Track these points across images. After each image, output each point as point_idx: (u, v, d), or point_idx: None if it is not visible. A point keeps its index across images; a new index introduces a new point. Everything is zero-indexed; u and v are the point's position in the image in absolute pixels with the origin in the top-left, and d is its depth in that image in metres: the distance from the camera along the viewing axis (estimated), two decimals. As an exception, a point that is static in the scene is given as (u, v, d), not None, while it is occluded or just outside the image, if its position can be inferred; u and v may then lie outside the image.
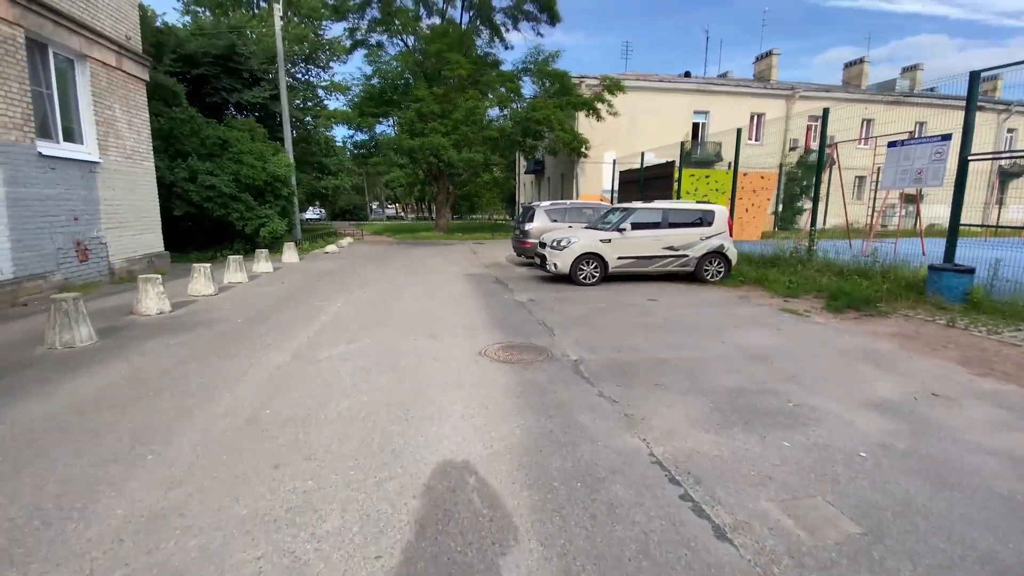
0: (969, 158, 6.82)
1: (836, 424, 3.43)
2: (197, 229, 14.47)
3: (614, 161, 19.31)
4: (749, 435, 3.23)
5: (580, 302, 7.69)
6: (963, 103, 6.78)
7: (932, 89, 31.31)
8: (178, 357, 4.79)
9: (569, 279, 9.36)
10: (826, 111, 9.66)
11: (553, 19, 24.54)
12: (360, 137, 27.03)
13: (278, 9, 18.07)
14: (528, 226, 12.38)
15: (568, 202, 13.94)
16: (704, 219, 9.57)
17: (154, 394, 3.85)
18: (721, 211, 9.73)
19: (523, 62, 24.83)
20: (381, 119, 25.39)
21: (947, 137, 7.24)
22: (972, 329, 6.08)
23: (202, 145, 14.08)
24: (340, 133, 50.25)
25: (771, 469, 2.82)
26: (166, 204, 12.78)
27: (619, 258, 9.29)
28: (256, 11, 28.18)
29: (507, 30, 25.76)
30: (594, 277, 9.27)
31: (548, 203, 13.17)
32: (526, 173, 38.15)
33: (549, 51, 23.89)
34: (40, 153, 7.32)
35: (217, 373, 4.33)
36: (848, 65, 33.69)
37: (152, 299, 6.55)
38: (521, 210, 15.39)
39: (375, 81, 25.03)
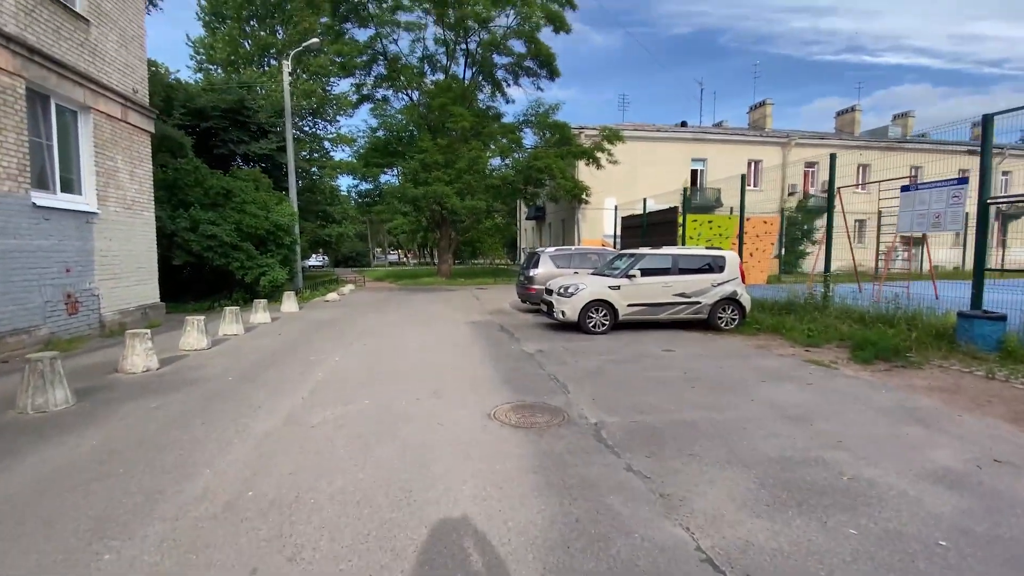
0: (989, 201, 6.62)
1: (902, 503, 2.98)
2: (197, 278, 14.26)
3: (616, 207, 19.37)
4: (808, 520, 2.77)
5: (592, 353, 7.29)
6: (960, 148, 6.68)
7: (923, 135, 32.06)
8: (158, 423, 4.36)
9: (578, 327, 8.98)
10: (833, 156, 9.61)
11: (552, 74, 25.38)
12: (364, 186, 27.39)
13: (287, 65, 18.66)
14: (533, 272, 12.13)
15: (573, 248, 13.77)
16: (715, 265, 9.30)
17: (125, 471, 3.41)
18: (732, 257, 9.48)
19: (524, 114, 25.51)
20: (386, 169, 25.80)
21: (963, 180, 7.08)
22: (1013, 381, 5.66)
23: (205, 195, 14.08)
24: (345, 182, 51.26)
25: (844, 568, 2.36)
26: (166, 254, 12.62)
27: (629, 305, 8.96)
28: (266, 68, 29.29)
29: (508, 85, 26.65)
30: (604, 325, 8.90)
31: (553, 249, 12.99)
32: (527, 219, 38.54)
33: (549, 104, 24.59)
34: (34, 204, 7.15)
35: (198, 443, 3.90)
36: (840, 113, 34.65)
37: (139, 355, 6.16)
38: (525, 256, 15.23)
39: (380, 133, 25.62)
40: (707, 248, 9.91)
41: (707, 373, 6.14)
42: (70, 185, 8.22)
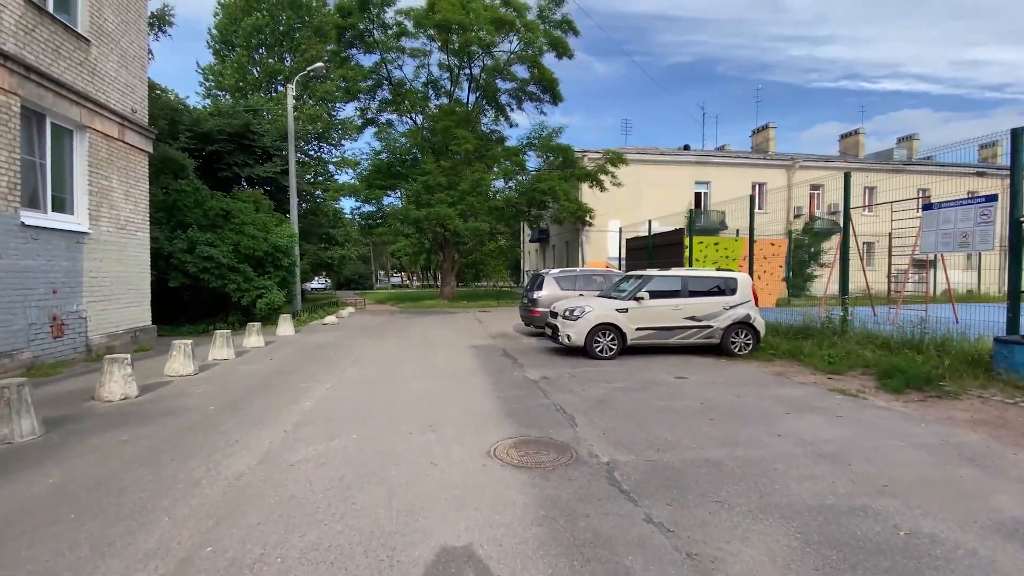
0: (1022, 219, 6.24)
1: (975, 566, 2.52)
2: (195, 300, 13.96)
3: (620, 229, 19.11)
4: (867, 590, 2.32)
5: (599, 380, 6.85)
6: (968, 170, 6.38)
7: (929, 158, 31.94)
8: (124, 459, 3.95)
9: (584, 352, 8.56)
10: (847, 174, 9.30)
11: (555, 99, 25.51)
12: (367, 209, 27.34)
13: (291, 89, 18.76)
14: (537, 294, 11.76)
15: (578, 269, 13.43)
16: (726, 287, 8.91)
17: (76, 516, 3.00)
18: (744, 279, 9.10)
19: (528, 137, 25.55)
20: (388, 191, 25.77)
21: (992, 198, 6.73)
22: (1064, 414, 5.18)
23: (204, 216, 13.89)
24: (348, 205, 51.52)
25: (925, 660, 1.90)
26: (163, 275, 12.36)
27: (638, 329, 8.54)
28: (274, 94, 29.71)
29: (512, 109, 26.78)
30: (611, 350, 8.47)
31: (557, 270, 12.65)
32: (531, 241, 38.40)
33: (552, 127, 24.62)
34: (23, 223, 6.89)
35: (163, 484, 3.48)
36: (844, 136, 34.66)
37: (117, 382, 5.78)
38: (529, 278, 14.89)
39: (384, 156, 25.68)
40: (718, 270, 9.53)
41: (725, 403, 5.69)
42: (62, 204, 7.99)
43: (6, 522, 2.91)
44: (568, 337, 8.54)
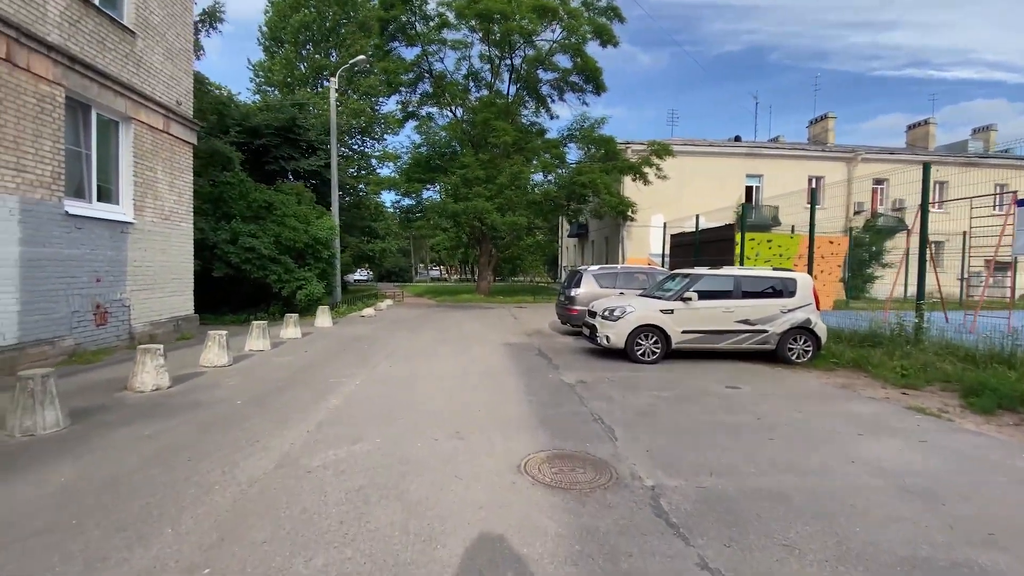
0: None
1: None
2: (237, 291, 14.26)
3: (664, 224, 18.27)
4: None
5: (642, 387, 6.35)
6: None
7: (1007, 151, 29.17)
8: (142, 457, 3.82)
9: (623, 355, 8.05)
10: (927, 166, 8.33)
11: (598, 89, 24.73)
12: (407, 202, 27.46)
13: (334, 82, 18.93)
14: (574, 292, 11.29)
15: (619, 266, 12.85)
16: (784, 288, 8.18)
17: (77, 523, 2.83)
18: (805, 280, 8.32)
19: (569, 129, 24.92)
20: (428, 185, 25.76)
21: (1113, 192, 5.74)
22: None
23: (248, 208, 14.16)
24: (389, 199, 52.26)
25: None
26: (207, 265, 12.65)
27: (684, 332, 7.95)
28: (319, 89, 30.26)
29: (553, 101, 26.21)
30: (654, 353, 7.92)
31: (597, 267, 12.11)
32: (569, 236, 37.74)
33: (595, 118, 23.89)
34: (67, 212, 7.03)
35: (174, 488, 3.29)
36: (912, 127, 32.09)
37: (149, 373, 5.76)
38: (567, 274, 14.41)
39: (423, 149, 25.66)
40: (774, 269, 8.77)
41: (786, 419, 5.09)
42: (107, 194, 8.16)
43: (4, 526, 2.76)
44: (607, 338, 8.05)
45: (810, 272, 10.58)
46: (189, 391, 5.84)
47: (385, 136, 32.51)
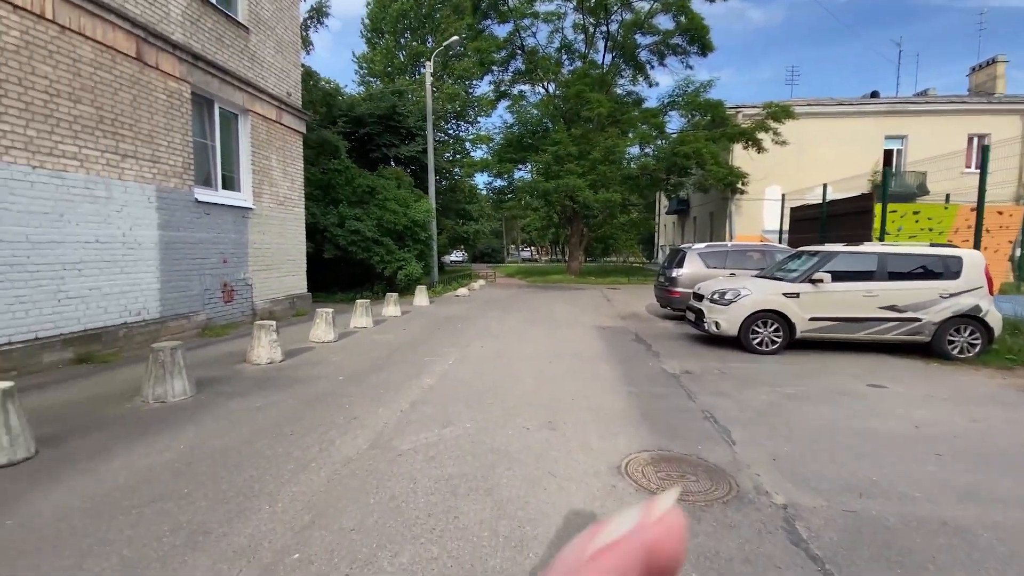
0: None
1: None
2: (345, 271, 15.24)
3: (783, 196, 16.29)
4: None
5: (760, 381, 5.57)
6: None
7: None
8: (253, 428, 4.01)
9: (736, 343, 7.21)
10: None
11: (705, 49, 22.56)
12: (499, 184, 27.53)
13: (429, 66, 19.24)
14: (676, 272, 10.41)
15: (729, 244, 11.64)
16: (946, 269, 6.75)
17: (188, 492, 2.96)
18: (974, 259, 6.81)
19: (670, 95, 23.12)
20: (519, 165, 25.54)
21: None
22: None
23: (353, 193, 14.97)
24: (481, 180, 53.24)
25: None
26: (319, 248, 13.61)
27: (812, 319, 6.90)
28: (416, 76, 31.19)
29: (652, 67, 24.48)
30: (774, 343, 6.99)
31: (703, 245, 11.06)
32: (667, 213, 35.57)
33: (700, 82, 21.87)
34: (196, 199, 7.76)
35: (277, 462, 3.37)
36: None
37: (264, 348, 6.18)
38: (668, 253, 13.42)
39: (515, 128, 25.41)
40: (931, 246, 7.29)
41: (955, 429, 4.12)
42: (230, 182, 8.91)
43: (127, 491, 2.97)
44: (717, 324, 7.25)
45: (976, 246, 8.72)
46: (298, 366, 6.18)
47: (478, 119, 32.85)
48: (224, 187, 8.66)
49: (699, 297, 7.95)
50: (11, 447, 3.19)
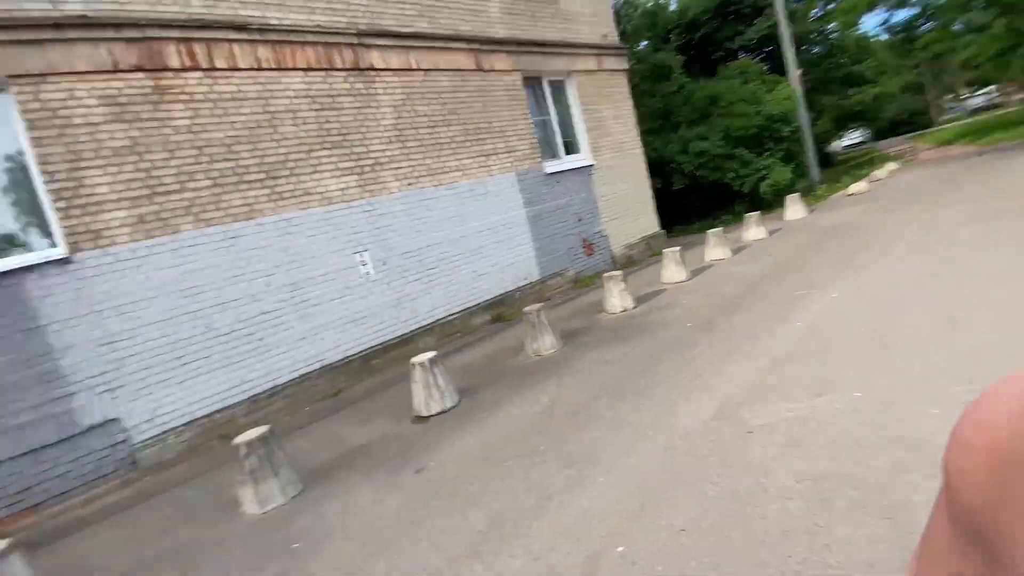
0: None
1: None
2: (699, 198, 14.28)
3: None
4: None
5: None
6: None
7: None
8: (601, 383, 4.15)
9: None
10: None
11: None
12: (901, 16, 19.37)
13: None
14: None
15: None
16: None
17: (544, 449, 3.28)
18: None
19: None
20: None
21: None
22: None
23: (692, 111, 13.70)
24: (871, 24, 39.02)
25: None
26: (668, 181, 13.18)
27: None
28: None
29: None
30: None
31: None
32: None
33: None
34: (546, 173, 8.69)
35: (614, 428, 3.35)
36: None
37: (616, 298, 6.41)
38: None
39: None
40: None
41: None
42: (570, 147, 9.57)
43: (504, 442, 3.53)
44: None
45: None
46: (648, 312, 6.10)
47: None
48: (567, 152, 9.38)
49: None
50: (442, 399, 4.38)
